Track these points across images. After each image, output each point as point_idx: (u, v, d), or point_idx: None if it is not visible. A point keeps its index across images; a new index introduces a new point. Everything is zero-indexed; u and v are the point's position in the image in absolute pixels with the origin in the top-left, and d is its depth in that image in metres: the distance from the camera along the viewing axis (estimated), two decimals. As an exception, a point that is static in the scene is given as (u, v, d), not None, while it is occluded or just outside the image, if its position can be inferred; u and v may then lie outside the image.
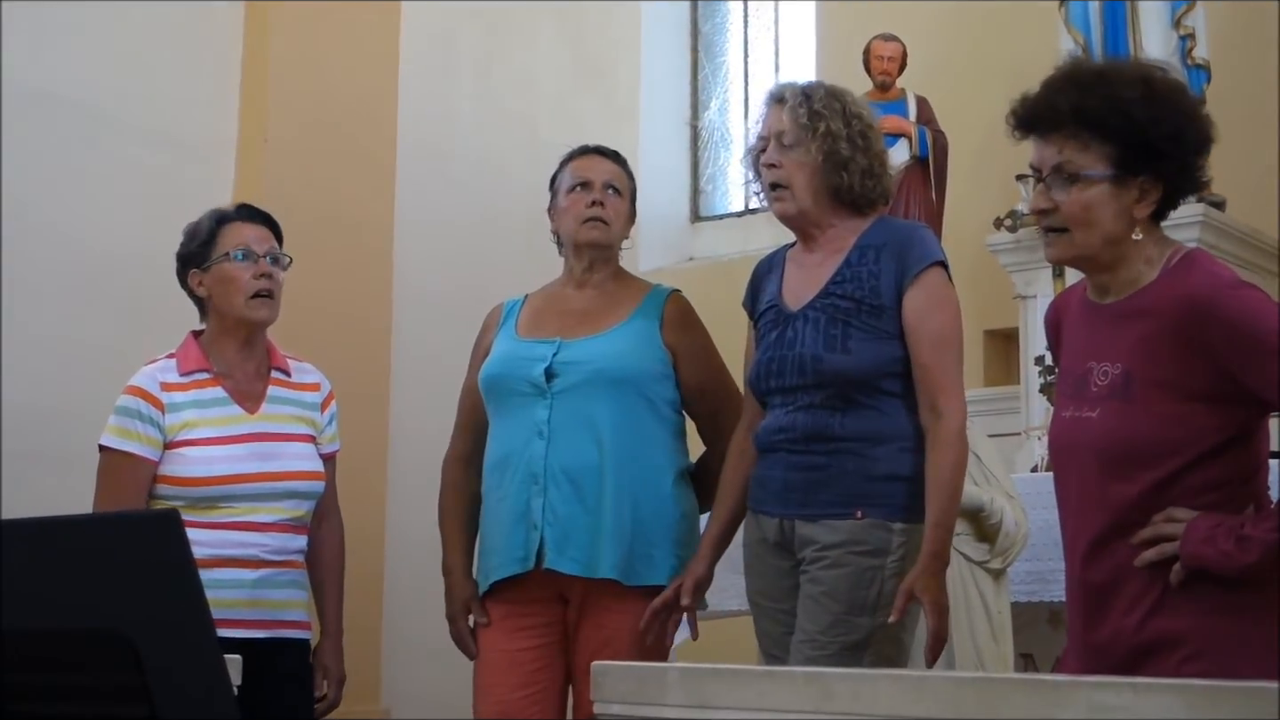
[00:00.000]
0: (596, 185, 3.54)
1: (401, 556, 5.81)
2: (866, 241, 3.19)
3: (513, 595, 3.44)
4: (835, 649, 3.02)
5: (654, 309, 3.52)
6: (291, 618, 3.52)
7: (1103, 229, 2.45)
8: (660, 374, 3.47)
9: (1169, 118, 2.44)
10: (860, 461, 3.09)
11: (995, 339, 7.08)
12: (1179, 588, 2.38)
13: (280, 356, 3.64)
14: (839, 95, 3.27)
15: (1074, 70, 2.56)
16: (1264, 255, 6.29)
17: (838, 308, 3.13)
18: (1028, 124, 2.52)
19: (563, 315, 3.53)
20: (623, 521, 3.35)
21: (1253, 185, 6.27)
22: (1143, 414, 2.41)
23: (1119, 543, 2.44)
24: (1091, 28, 6.27)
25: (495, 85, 7.48)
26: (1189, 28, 6.12)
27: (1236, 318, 2.35)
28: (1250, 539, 2.32)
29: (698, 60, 8.75)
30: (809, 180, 3.20)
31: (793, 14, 8.46)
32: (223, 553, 3.37)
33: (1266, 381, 2.32)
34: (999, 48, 6.90)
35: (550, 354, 3.44)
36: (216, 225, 3.57)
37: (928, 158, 6.74)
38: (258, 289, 3.51)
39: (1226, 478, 2.41)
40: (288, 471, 3.50)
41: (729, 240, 8.31)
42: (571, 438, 3.38)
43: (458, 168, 7.02)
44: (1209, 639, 2.37)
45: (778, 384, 3.17)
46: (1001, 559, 4.06)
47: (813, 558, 3.09)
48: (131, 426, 3.45)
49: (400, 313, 6.54)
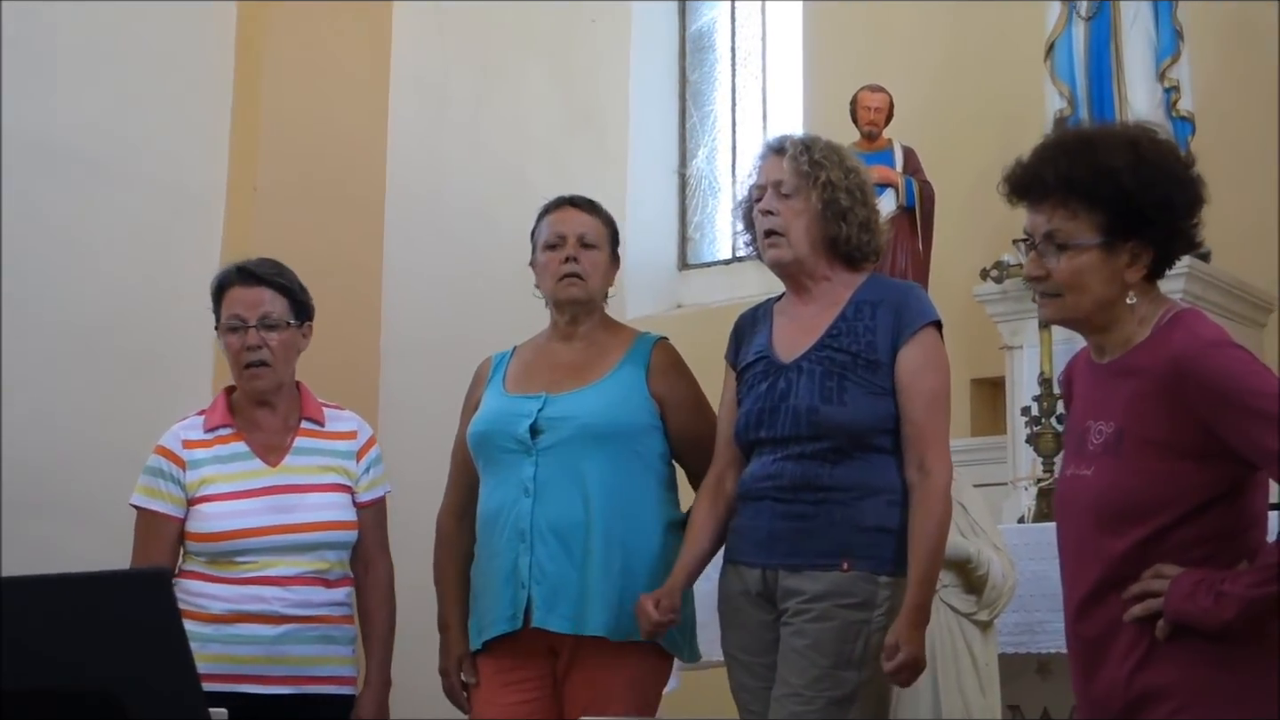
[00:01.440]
0: (570, 241, 3.52)
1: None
2: (862, 297, 3.20)
3: (504, 651, 3.43)
4: (822, 703, 3.01)
5: (640, 358, 3.51)
6: (324, 673, 3.46)
7: (1093, 294, 2.49)
8: (647, 425, 3.46)
9: (1157, 183, 2.47)
10: (848, 512, 3.09)
11: (982, 388, 7.09)
12: (1166, 642, 2.40)
13: (315, 406, 3.62)
14: (836, 149, 3.31)
15: (1062, 138, 2.59)
16: (1251, 307, 6.31)
17: (834, 360, 3.14)
18: (1019, 191, 2.56)
19: (550, 369, 3.53)
20: (611, 577, 3.33)
21: (1239, 237, 6.28)
22: (1132, 471, 2.44)
23: (1112, 597, 2.46)
24: (1077, 80, 6.31)
25: (484, 133, 7.51)
26: (1174, 80, 6.16)
27: (1216, 377, 2.38)
28: (1228, 595, 2.34)
29: (686, 108, 8.79)
30: (806, 228, 3.22)
31: (780, 64, 8.51)
32: (241, 608, 3.37)
33: (1246, 440, 2.35)
34: (986, 99, 6.95)
35: (535, 409, 3.44)
36: (220, 290, 3.58)
37: (915, 208, 6.77)
38: (248, 360, 3.50)
39: (1216, 533, 2.42)
40: (307, 523, 3.46)
41: (717, 287, 8.33)
42: (558, 494, 3.37)
43: (446, 215, 7.04)
44: (1197, 692, 2.39)
45: (768, 434, 3.17)
46: (989, 610, 4.06)
47: (797, 609, 3.08)
48: (157, 485, 3.49)
49: (388, 360, 6.54)
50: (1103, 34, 6.28)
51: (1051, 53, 6.41)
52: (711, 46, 8.87)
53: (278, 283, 3.58)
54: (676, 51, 8.84)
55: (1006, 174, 2.57)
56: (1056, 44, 6.40)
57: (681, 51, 8.85)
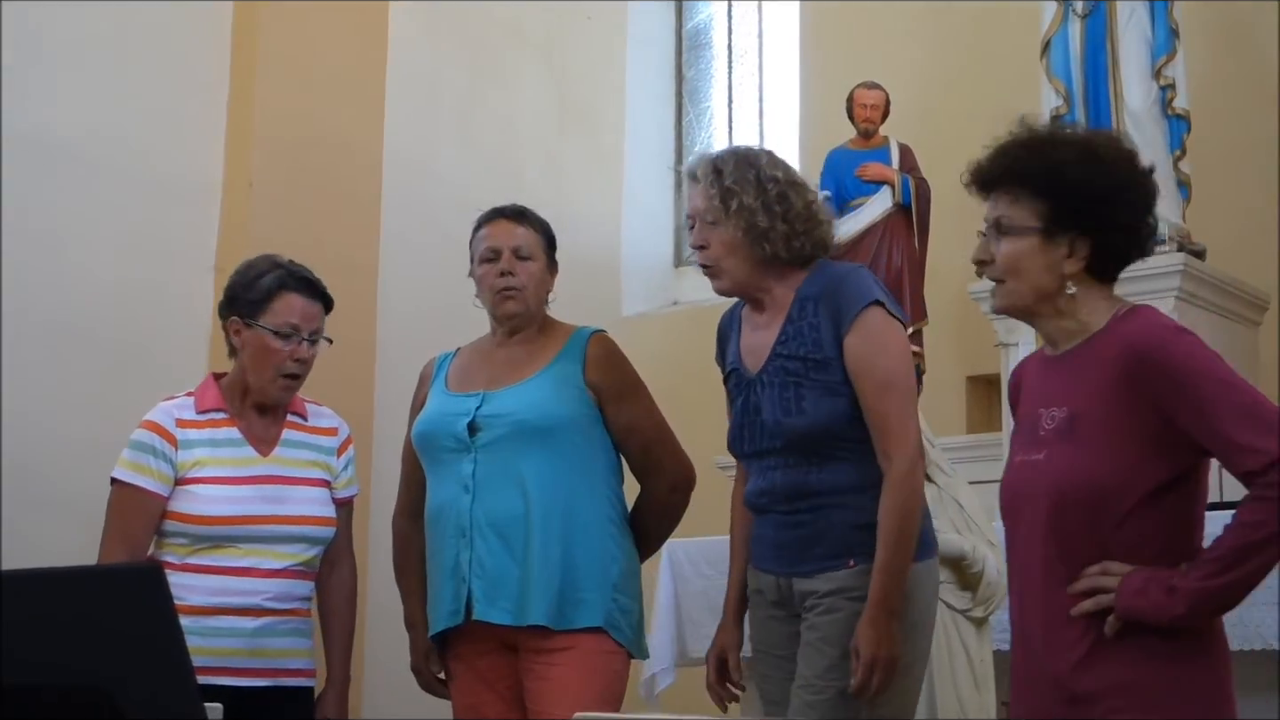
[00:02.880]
0: (504, 254, 3.56)
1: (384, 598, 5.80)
2: (805, 293, 3.17)
3: (466, 649, 3.50)
4: (832, 693, 3.02)
5: (576, 352, 3.54)
6: (294, 666, 3.49)
7: (1031, 281, 2.56)
8: (585, 416, 3.49)
9: (1101, 179, 2.54)
10: (845, 513, 3.09)
11: (978, 385, 7.09)
12: (1111, 639, 2.44)
13: (298, 401, 3.64)
14: (751, 162, 3.22)
15: (1020, 134, 2.65)
16: (1246, 305, 6.32)
17: (788, 369, 3.13)
18: (978, 184, 2.65)
19: (489, 367, 3.57)
20: (551, 568, 3.38)
21: (1235, 234, 6.30)
22: (1085, 454, 2.48)
23: (1059, 589, 2.50)
24: (1073, 78, 6.31)
25: (480, 129, 7.51)
26: (1169, 78, 6.15)
27: (1177, 364, 2.43)
28: (1179, 590, 2.38)
29: (682, 105, 8.79)
30: (734, 256, 3.20)
31: (777, 61, 8.51)
32: (222, 601, 3.36)
33: (1207, 428, 2.39)
34: (982, 96, 6.94)
35: (474, 408, 3.48)
36: (276, 289, 3.53)
37: (910, 205, 6.76)
38: (289, 370, 3.50)
39: (1165, 529, 2.46)
40: (296, 515, 3.48)
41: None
42: (496, 490, 3.42)
43: (442, 212, 7.03)
44: (1139, 688, 2.43)
45: (751, 448, 3.19)
46: (984, 607, 4.06)
47: (810, 605, 3.10)
48: (144, 461, 3.44)
49: (383, 355, 6.54)
50: (1099, 32, 6.27)
51: (1047, 50, 6.40)
52: (708, 44, 8.88)
53: (330, 303, 3.61)
54: (673, 49, 8.85)
55: (969, 167, 2.66)
56: (1052, 42, 6.39)
57: (678, 49, 8.86)
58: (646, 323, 8.04)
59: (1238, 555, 2.36)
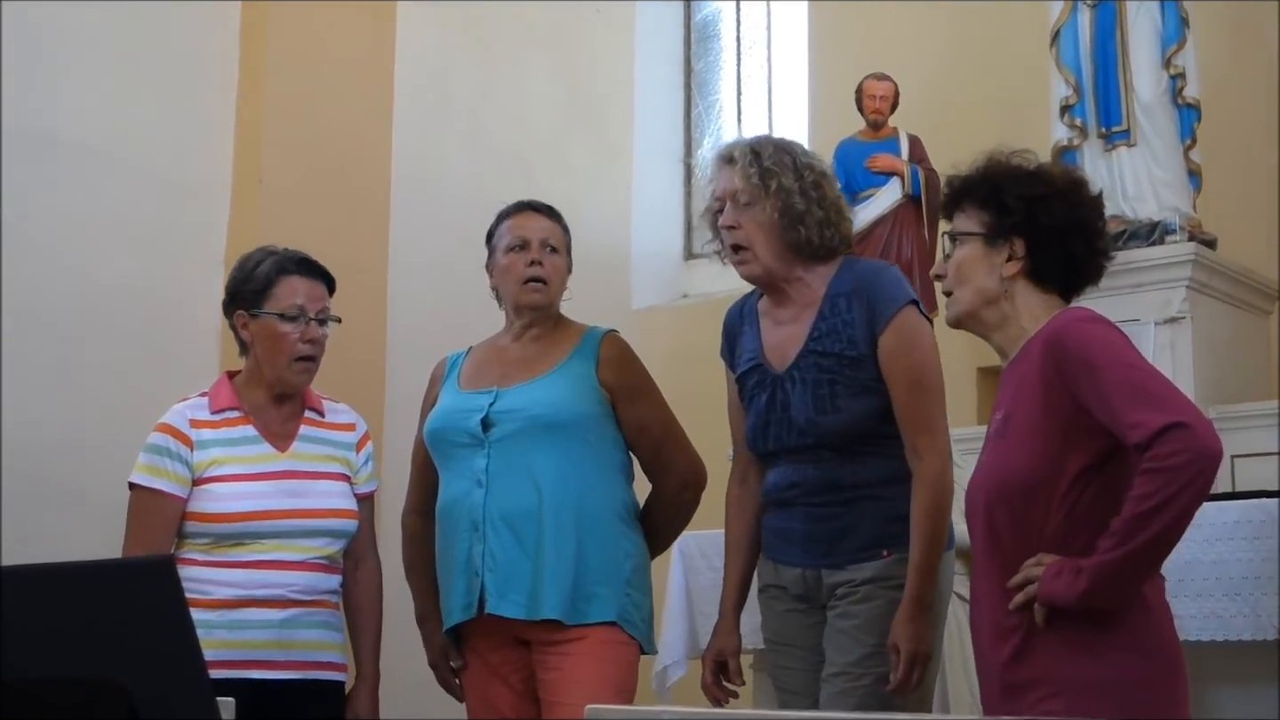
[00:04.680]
0: (534, 245, 3.57)
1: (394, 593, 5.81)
2: (836, 290, 3.19)
3: (479, 643, 3.51)
4: (870, 680, 3.04)
5: (589, 351, 3.56)
6: (325, 659, 3.48)
7: (975, 283, 2.72)
8: (598, 414, 3.50)
9: (1034, 187, 2.72)
10: (878, 505, 3.11)
11: (988, 376, 7.06)
12: (1045, 628, 2.52)
13: (315, 397, 3.63)
14: (788, 149, 3.28)
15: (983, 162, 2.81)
16: (1256, 294, 6.30)
17: (821, 367, 3.14)
18: (945, 211, 2.85)
19: (502, 364, 3.59)
20: (564, 563, 3.39)
21: (1245, 223, 6.29)
22: (1011, 450, 2.60)
23: (998, 583, 2.59)
24: (1083, 68, 6.29)
25: (488, 125, 7.51)
26: (1179, 67, 6.14)
27: (1080, 346, 2.55)
28: (1083, 568, 2.46)
29: (691, 98, 8.79)
30: (768, 239, 3.21)
31: (785, 52, 8.50)
32: (249, 593, 3.36)
33: (1106, 407, 2.48)
34: (991, 87, 6.94)
35: (487, 404, 3.49)
36: (275, 274, 3.52)
37: (920, 196, 6.75)
38: (303, 353, 3.49)
39: (1095, 518, 2.52)
40: (317, 509, 3.47)
41: (722, 277, 8.28)
42: (509, 485, 3.42)
43: (451, 207, 7.04)
44: (1064, 681, 2.51)
45: (778, 445, 3.19)
46: (996, 598, 4.05)
47: (843, 594, 3.11)
48: (161, 464, 3.43)
49: (394, 352, 6.54)
50: (1108, 21, 6.26)
51: (1057, 40, 6.39)
52: (716, 35, 8.87)
53: (332, 282, 3.60)
54: (681, 41, 8.84)
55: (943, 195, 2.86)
56: (1062, 31, 6.38)
57: (686, 41, 8.85)
58: (656, 316, 8.04)
59: (1130, 527, 2.43)
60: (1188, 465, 2.38)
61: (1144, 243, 5.94)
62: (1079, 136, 6.27)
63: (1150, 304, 5.73)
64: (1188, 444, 2.39)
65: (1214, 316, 5.96)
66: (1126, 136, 6.14)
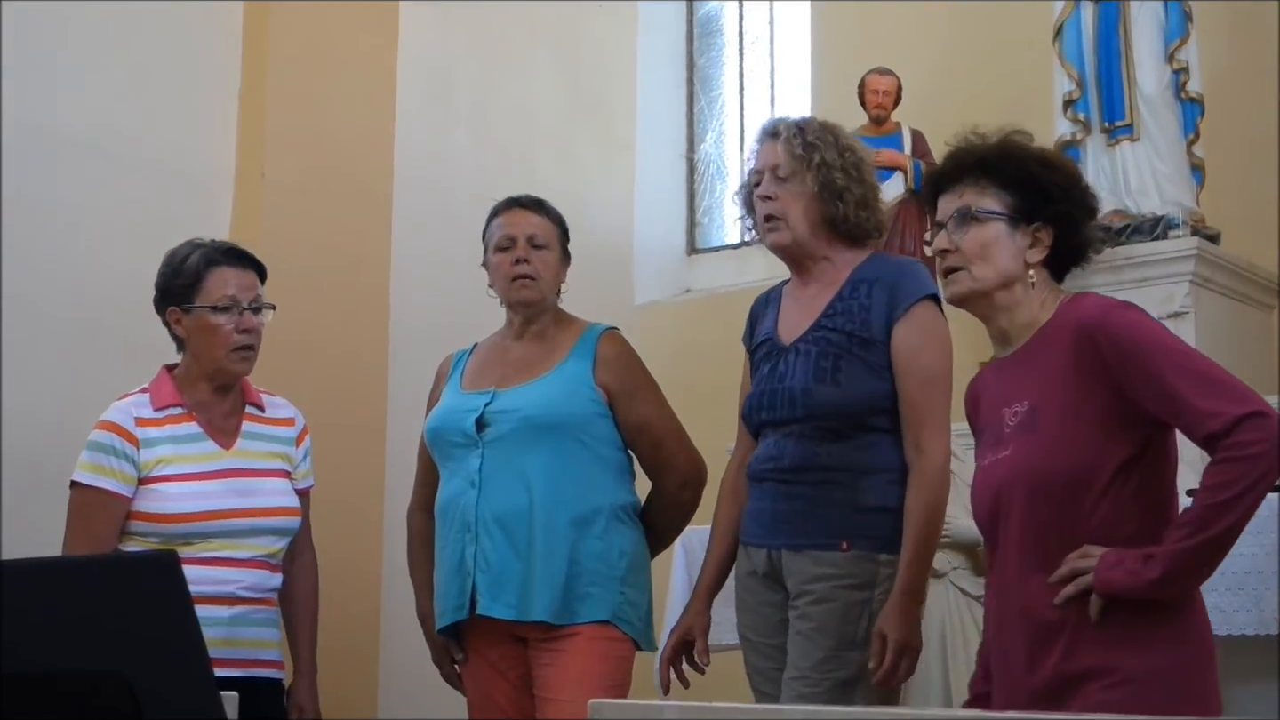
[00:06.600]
0: (520, 242, 3.58)
1: (399, 590, 5.82)
2: (860, 276, 3.20)
3: (477, 640, 3.53)
4: (827, 685, 3.02)
5: (586, 350, 3.57)
6: (266, 656, 3.47)
7: (998, 266, 2.63)
8: (593, 415, 3.51)
9: (1062, 176, 2.67)
10: (847, 492, 3.09)
11: (991, 372, 7.07)
12: (1099, 619, 2.46)
13: (254, 392, 3.61)
14: (831, 129, 3.31)
15: (974, 141, 2.77)
16: (1259, 288, 6.30)
17: (829, 340, 3.14)
18: (936, 185, 2.74)
19: (502, 365, 3.61)
20: (555, 564, 3.40)
21: (1248, 218, 6.28)
22: (1049, 443, 2.52)
23: (1038, 579, 2.52)
24: (1086, 62, 6.29)
25: (491, 120, 7.50)
26: (1182, 61, 6.13)
27: (1126, 334, 2.48)
28: (1154, 555, 2.41)
29: (694, 93, 8.78)
30: (804, 211, 3.22)
31: (788, 47, 8.49)
32: (199, 589, 3.31)
33: (1161, 396, 2.44)
34: (994, 82, 6.92)
35: (483, 404, 3.51)
36: (204, 267, 3.50)
37: (923, 191, 6.74)
38: (240, 343, 3.47)
39: (1139, 507, 2.49)
40: (265, 508, 3.46)
41: (725, 272, 8.33)
42: (501, 485, 3.44)
43: (454, 203, 7.03)
44: (1129, 670, 2.45)
45: (768, 417, 3.18)
46: (998, 593, 4.05)
47: (800, 592, 3.09)
48: (105, 462, 3.39)
49: (397, 346, 6.54)
50: (1111, 16, 6.25)
51: (1060, 35, 6.39)
52: (719, 31, 8.86)
53: (263, 270, 3.57)
54: (684, 36, 8.83)
55: (926, 175, 2.76)
56: (1065, 26, 6.37)
57: (689, 36, 8.84)
58: (659, 311, 8.03)
59: (1207, 515, 2.39)
60: (1268, 454, 2.36)
61: (1147, 237, 5.93)
62: (1082, 131, 6.26)
63: (1153, 299, 5.72)
64: (1269, 433, 2.37)
65: (1217, 311, 5.96)
66: (1129, 131, 6.14)
